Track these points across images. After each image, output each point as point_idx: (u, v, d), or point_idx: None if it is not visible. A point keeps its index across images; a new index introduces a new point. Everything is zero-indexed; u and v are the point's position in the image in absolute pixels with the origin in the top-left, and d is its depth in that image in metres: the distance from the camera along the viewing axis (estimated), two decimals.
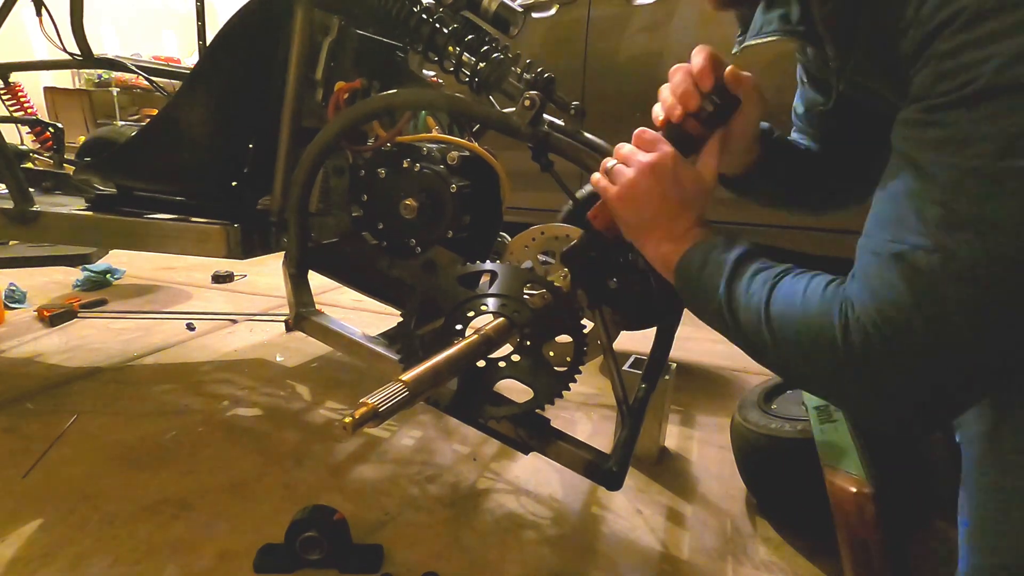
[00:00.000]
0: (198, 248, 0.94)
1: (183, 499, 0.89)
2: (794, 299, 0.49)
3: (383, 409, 0.47)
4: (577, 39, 2.02)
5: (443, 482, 0.97)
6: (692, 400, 1.31)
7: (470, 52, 0.84)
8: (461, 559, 0.79)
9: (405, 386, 0.49)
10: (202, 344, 1.59)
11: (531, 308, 0.68)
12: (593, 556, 0.81)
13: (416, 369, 0.53)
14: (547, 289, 0.69)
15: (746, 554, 0.82)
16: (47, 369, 1.38)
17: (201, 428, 1.11)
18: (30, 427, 1.10)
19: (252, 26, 0.88)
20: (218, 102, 0.93)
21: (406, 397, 0.49)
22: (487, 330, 0.63)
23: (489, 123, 0.77)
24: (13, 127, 1.80)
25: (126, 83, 4.75)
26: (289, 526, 0.75)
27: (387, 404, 0.47)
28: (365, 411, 0.45)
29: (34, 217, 1.05)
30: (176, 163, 0.98)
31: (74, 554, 0.77)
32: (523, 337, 0.67)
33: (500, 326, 0.65)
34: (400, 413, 0.50)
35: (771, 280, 0.52)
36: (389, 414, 0.47)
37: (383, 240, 0.85)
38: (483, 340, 0.61)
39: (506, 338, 0.65)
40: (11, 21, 1.18)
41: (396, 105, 0.79)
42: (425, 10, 0.86)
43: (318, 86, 0.88)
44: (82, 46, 1.20)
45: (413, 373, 0.52)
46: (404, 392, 0.49)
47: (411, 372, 0.52)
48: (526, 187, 1.49)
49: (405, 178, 0.81)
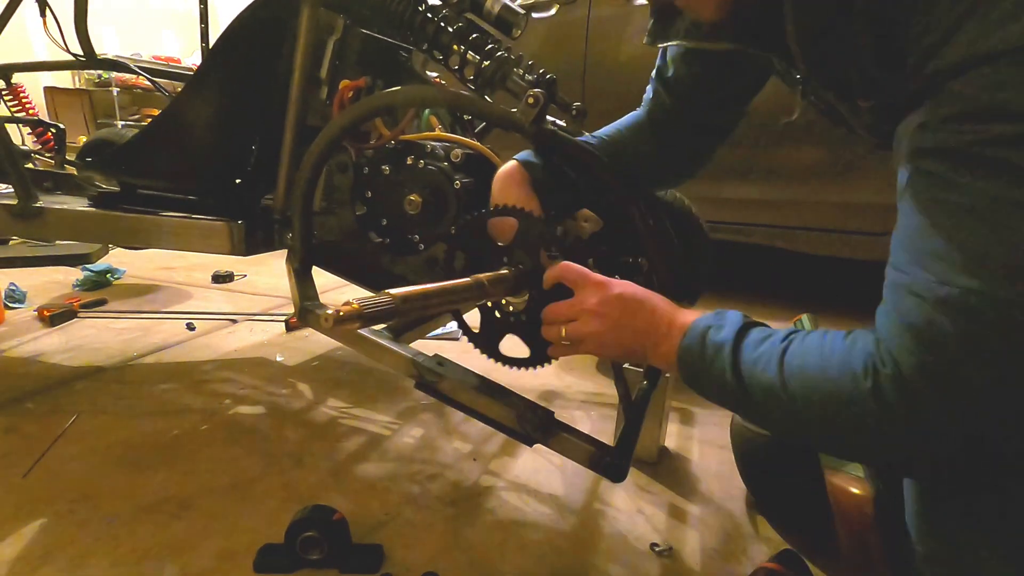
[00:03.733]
0: (202, 244, 0.94)
1: (183, 499, 0.89)
2: (811, 359, 0.45)
3: (367, 312, 0.48)
4: (577, 39, 2.02)
5: (444, 481, 0.97)
6: (692, 399, 1.31)
7: (474, 51, 0.84)
8: (461, 559, 0.78)
9: (393, 299, 0.51)
10: (202, 344, 1.59)
11: (540, 267, 0.69)
12: (594, 555, 0.81)
13: (408, 288, 0.54)
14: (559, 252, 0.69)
15: (746, 554, 0.82)
16: (47, 369, 1.38)
17: (201, 428, 1.11)
18: (30, 427, 1.09)
19: (257, 25, 0.88)
20: (223, 100, 0.93)
21: (391, 309, 0.51)
22: (483, 276, 0.64)
23: (492, 120, 0.78)
24: (15, 127, 1.80)
25: (127, 83, 4.75)
26: (289, 526, 0.75)
27: (372, 309, 0.49)
28: (350, 311, 0.47)
29: (38, 213, 1.05)
30: (180, 160, 0.98)
31: (74, 554, 0.77)
32: (530, 297, 0.69)
33: (497, 277, 0.66)
34: (398, 412, 0.50)
35: (779, 346, 0.48)
36: (372, 320, 0.49)
37: (387, 237, 0.85)
38: (475, 283, 0.62)
39: (502, 289, 0.66)
40: (12, 21, 1.18)
41: (399, 102, 0.79)
42: (430, 9, 0.86)
43: (323, 84, 0.89)
44: (85, 47, 1.20)
45: (404, 291, 0.53)
46: (391, 304, 0.51)
47: (402, 289, 0.53)
48: None
49: (409, 175, 0.81)
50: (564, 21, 2.07)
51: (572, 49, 2.03)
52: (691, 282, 0.97)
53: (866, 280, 2.47)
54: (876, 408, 0.41)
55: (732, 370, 0.50)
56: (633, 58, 1.93)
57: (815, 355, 0.45)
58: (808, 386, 0.45)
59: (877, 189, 1.63)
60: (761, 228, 1.83)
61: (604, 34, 1.98)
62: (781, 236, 1.81)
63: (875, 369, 0.41)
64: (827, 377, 0.44)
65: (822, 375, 0.44)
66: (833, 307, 2.01)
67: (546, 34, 2.11)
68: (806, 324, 1.13)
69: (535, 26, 2.10)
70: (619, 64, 1.95)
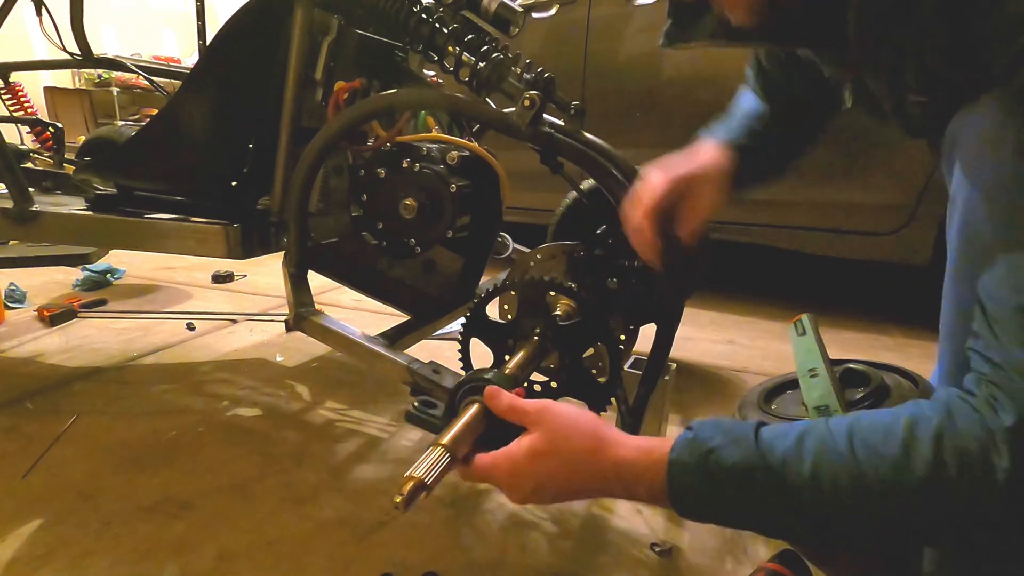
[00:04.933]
0: (198, 248, 0.94)
1: (183, 499, 0.89)
2: (883, 441, 0.39)
3: (430, 481, 0.48)
4: (577, 39, 2.02)
5: (443, 482, 0.97)
6: (692, 400, 1.31)
7: (470, 52, 0.84)
8: (461, 559, 0.78)
9: (446, 448, 0.50)
10: (202, 344, 1.59)
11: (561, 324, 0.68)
12: (593, 556, 0.81)
13: (452, 430, 0.53)
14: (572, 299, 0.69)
15: (746, 554, 0.82)
16: (47, 369, 1.38)
17: (201, 428, 1.11)
18: (30, 427, 1.10)
19: (252, 26, 0.88)
20: (218, 102, 0.93)
21: (448, 464, 0.50)
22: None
23: (489, 123, 0.78)
24: (13, 127, 1.80)
25: (126, 83, 4.75)
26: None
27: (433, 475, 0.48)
28: (414, 486, 0.47)
29: (34, 217, 1.05)
30: (176, 163, 0.98)
31: (74, 554, 0.77)
32: (561, 356, 0.68)
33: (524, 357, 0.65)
34: (398, 413, 0.51)
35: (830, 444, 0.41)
36: (436, 483, 0.49)
37: (383, 240, 0.85)
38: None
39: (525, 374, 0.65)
40: (11, 21, 1.18)
41: (396, 105, 0.79)
42: (425, 10, 0.86)
43: (318, 86, 0.89)
44: (82, 46, 1.20)
45: (450, 435, 0.52)
46: (447, 458, 0.50)
47: (448, 435, 0.52)
48: (526, 187, 1.49)
49: (405, 178, 0.81)
50: (564, 21, 2.06)
51: (572, 49, 2.03)
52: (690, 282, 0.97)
53: (866, 280, 2.47)
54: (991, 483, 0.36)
55: (774, 483, 0.42)
56: (633, 58, 1.93)
57: (885, 439, 0.40)
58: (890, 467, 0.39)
59: (879, 189, 1.63)
60: (761, 228, 1.82)
61: (604, 34, 1.97)
62: (781, 236, 1.81)
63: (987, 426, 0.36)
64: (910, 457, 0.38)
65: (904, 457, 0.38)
66: (833, 307, 2.01)
67: (546, 34, 2.10)
68: (806, 324, 1.13)
69: (535, 26, 2.09)
70: (619, 64, 1.94)
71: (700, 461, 0.44)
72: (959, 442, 0.37)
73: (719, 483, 0.44)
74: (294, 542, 0.80)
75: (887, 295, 1.94)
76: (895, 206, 1.61)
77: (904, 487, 0.38)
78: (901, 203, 1.59)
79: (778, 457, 0.42)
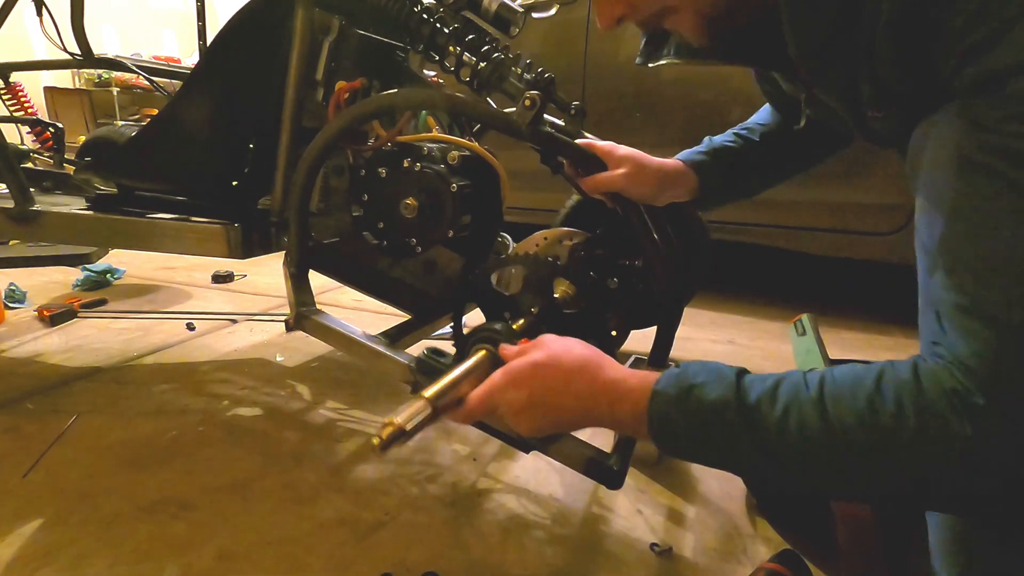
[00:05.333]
0: (199, 248, 0.94)
1: (183, 499, 0.89)
2: (851, 392, 0.41)
3: (411, 428, 0.49)
4: (577, 39, 2.02)
5: (443, 482, 0.97)
6: None
7: (471, 52, 0.84)
8: (461, 559, 0.78)
9: (427, 401, 0.51)
10: (202, 344, 1.59)
11: (560, 308, 0.69)
12: (593, 556, 0.81)
13: (437, 386, 0.53)
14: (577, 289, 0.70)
15: (746, 554, 0.82)
16: (47, 369, 1.38)
17: (201, 428, 1.11)
18: (30, 427, 1.09)
19: (252, 26, 0.88)
20: (218, 102, 0.93)
21: (430, 415, 0.51)
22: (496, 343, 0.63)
23: (489, 123, 0.77)
24: (13, 127, 1.80)
25: (126, 83, 4.75)
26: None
27: (414, 423, 0.50)
28: (393, 431, 0.48)
29: (34, 216, 1.05)
30: (176, 163, 0.98)
31: (74, 554, 0.77)
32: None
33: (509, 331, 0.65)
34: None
35: (805, 390, 0.42)
36: (416, 432, 0.50)
37: (383, 240, 0.85)
38: (490, 355, 0.60)
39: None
40: (11, 20, 1.18)
41: (396, 105, 0.79)
42: (426, 10, 0.86)
43: (319, 86, 0.88)
44: (82, 46, 1.20)
45: (434, 390, 0.53)
46: (428, 410, 0.51)
47: (432, 389, 0.53)
48: (527, 187, 1.50)
49: (405, 178, 0.81)
50: (564, 21, 2.06)
51: (572, 49, 2.03)
52: (689, 282, 0.97)
53: (866, 280, 2.46)
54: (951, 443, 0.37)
55: (745, 420, 0.44)
56: (633, 58, 1.93)
57: (853, 389, 0.41)
58: (853, 425, 0.40)
59: (879, 189, 1.63)
60: (761, 228, 1.83)
61: (604, 34, 1.97)
62: (781, 236, 1.81)
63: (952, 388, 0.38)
64: (875, 410, 0.39)
65: (868, 408, 0.40)
66: (833, 307, 2.01)
67: (546, 34, 2.10)
68: (806, 324, 1.13)
69: (535, 26, 2.09)
70: (619, 64, 1.94)
71: (682, 394, 0.47)
72: (922, 399, 0.39)
73: (695, 417, 0.46)
74: (294, 542, 0.80)
75: (887, 295, 1.94)
76: (895, 206, 1.61)
77: (866, 437, 0.40)
78: (901, 203, 1.59)
79: (753, 399, 0.44)
